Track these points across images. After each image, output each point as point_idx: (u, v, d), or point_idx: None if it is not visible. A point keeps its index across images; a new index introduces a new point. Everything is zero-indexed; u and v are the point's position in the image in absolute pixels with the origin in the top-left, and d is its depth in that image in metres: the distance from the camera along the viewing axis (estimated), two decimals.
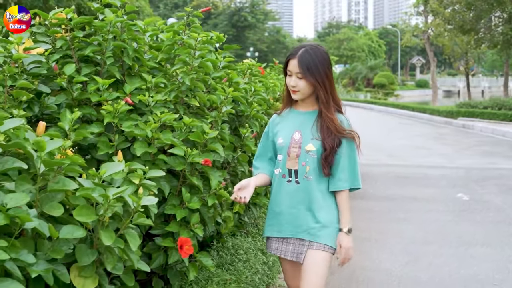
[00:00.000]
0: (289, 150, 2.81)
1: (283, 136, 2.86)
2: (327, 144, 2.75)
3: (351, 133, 2.81)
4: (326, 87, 2.77)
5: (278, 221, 2.86)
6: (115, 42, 3.26)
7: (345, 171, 2.80)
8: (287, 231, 2.83)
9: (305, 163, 2.78)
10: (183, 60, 3.38)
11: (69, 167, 2.37)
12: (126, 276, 2.57)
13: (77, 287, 2.29)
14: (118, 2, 3.43)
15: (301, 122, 2.86)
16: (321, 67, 2.74)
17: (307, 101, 2.87)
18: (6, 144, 2.11)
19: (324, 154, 2.75)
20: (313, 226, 2.77)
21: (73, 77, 3.14)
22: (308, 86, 2.75)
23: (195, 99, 3.39)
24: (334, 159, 2.78)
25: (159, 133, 2.98)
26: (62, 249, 2.22)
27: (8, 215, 1.94)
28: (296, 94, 2.80)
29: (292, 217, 2.81)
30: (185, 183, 3.16)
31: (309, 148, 2.78)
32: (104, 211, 2.31)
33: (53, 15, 3.47)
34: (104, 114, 2.99)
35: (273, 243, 2.91)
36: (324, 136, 2.76)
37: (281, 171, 2.84)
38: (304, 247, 2.79)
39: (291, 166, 2.81)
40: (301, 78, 2.74)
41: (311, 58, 2.73)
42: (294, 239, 2.83)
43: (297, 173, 2.80)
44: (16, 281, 1.93)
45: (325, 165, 2.76)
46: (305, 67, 2.71)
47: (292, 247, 2.83)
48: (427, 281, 4.84)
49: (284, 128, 2.90)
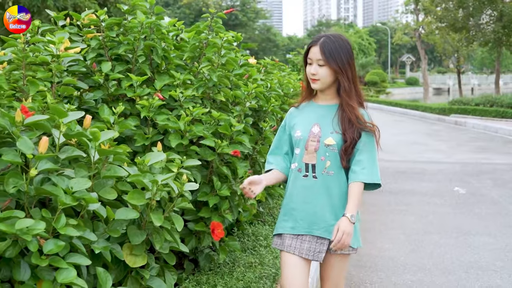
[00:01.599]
0: (307, 143, 2.69)
1: (301, 129, 2.74)
2: (347, 136, 2.63)
3: (371, 126, 2.69)
4: (349, 75, 2.65)
5: (293, 217, 2.72)
6: (146, 42, 3.49)
7: (362, 164, 2.64)
8: (301, 227, 2.69)
9: (325, 157, 2.66)
10: (209, 58, 3.61)
11: (117, 156, 2.60)
12: (168, 256, 2.80)
13: (129, 264, 2.53)
14: (147, 4, 3.65)
15: (320, 115, 2.73)
16: (343, 55, 2.63)
17: (327, 93, 2.75)
18: (70, 134, 2.33)
19: (344, 146, 2.64)
20: (332, 224, 2.63)
21: (109, 74, 3.36)
22: (329, 74, 2.64)
23: (220, 94, 3.62)
24: (353, 151, 2.66)
25: (191, 126, 3.21)
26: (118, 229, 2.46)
27: (75, 197, 2.16)
28: (316, 83, 2.68)
29: (307, 213, 2.68)
30: (213, 172, 3.39)
31: (329, 142, 2.66)
32: (152, 195, 2.55)
33: (85, 16, 3.69)
34: (139, 109, 3.22)
35: (287, 239, 2.72)
36: (345, 128, 2.65)
37: (297, 165, 2.72)
38: (324, 246, 2.66)
39: (309, 160, 2.69)
40: (322, 65, 2.63)
41: (333, 45, 2.62)
42: (309, 236, 2.68)
43: (314, 167, 2.67)
44: (83, 256, 2.16)
45: (343, 156, 2.64)
46: (327, 53, 2.60)
47: (307, 245, 2.68)
48: (431, 267, 5.10)
49: (302, 121, 2.77)
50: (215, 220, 3.18)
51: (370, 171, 2.66)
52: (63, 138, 2.34)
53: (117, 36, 3.60)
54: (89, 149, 2.45)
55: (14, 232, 1.90)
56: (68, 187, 2.18)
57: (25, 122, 2.24)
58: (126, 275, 2.62)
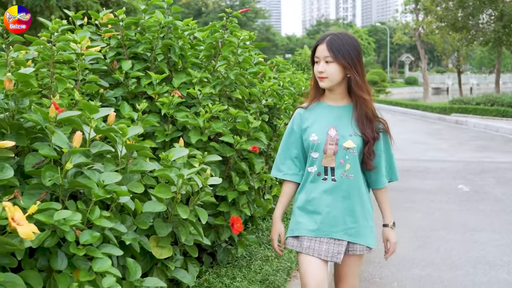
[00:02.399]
0: (325, 147, 2.64)
1: (316, 133, 2.67)
2: (368, 136, 2.63)
3: (383, 121, 2.72)
4: (358, 70, 2.62)
5: (312, 220, 2.68)
6: (164, 41, 3.56)
7: (385, 166, 2.73)
8: (321, 231, 2.67)
9: (344, 160, 2.63)
10: (225, 57, 3.69)
11: (142, 152, 2.68)
12: (191, 248, 2.88)
13: (156, 255, 2.61)
14: (165, 4, 3.73)
15: (336, 117, 2.69)
16: (351, 51, 2.60)
17: (337, 92, 2.71)
18: (101, 129, 2.41)
19: (368, 147, 2.64)
20: (351, 226, 2.66)
21: (128, 73, 3.44)
22: (338, 71, 2.59)
23: (236, 92, 3.70)
24: (375, 152, 2.67)
25: (211, 123, 3.29)
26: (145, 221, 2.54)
27: (107, 190, 2.24)
28: (324, 81, 2.63)
29: (327, 217, 2.66)
30: (231, 168, 3.47)
31: (349, 145, 2.62)
32: (178, 189, 2.63)
33: (104, 15, 3.77)
34: (159, 106, 3.30)
35: (305, 241, 2.69)
36: (363, 128, 2.64)
37: (317, 169, 2.67)
38: (342, 247, 2.65)
39: (327, 164, 2.65)
40: (330, 62, 2.59)
41: (340, 41, 2.59)
42: (328, 238, 2.66)
43: (333, 170, 2.65)
44: (115, 246, 2.25)
45: (369, 157, 2.65)
46: (335, 49, 2.57)
47: (326, 246, 2.66)
48: (439, 262, 5.18)
49: (316, 124, 2.71)
50: (233, 214, 3.26)
51: (391, 170, 2.80)
52: (93, 133, 2.42)
53: (135, 35, 3.68)
54: (116, 144, 2.53)
55: (52, 223, 1.98)
56: (100, 181, 2.26)
57: (58, 117, 2.32)
58: (152, 267, 2.70)
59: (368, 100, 2.67)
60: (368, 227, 2.73)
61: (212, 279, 3.22)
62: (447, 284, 4.62)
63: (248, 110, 3.67)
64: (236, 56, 3.68)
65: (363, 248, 2.72)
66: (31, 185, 2.17)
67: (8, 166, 2.05)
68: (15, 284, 1.85)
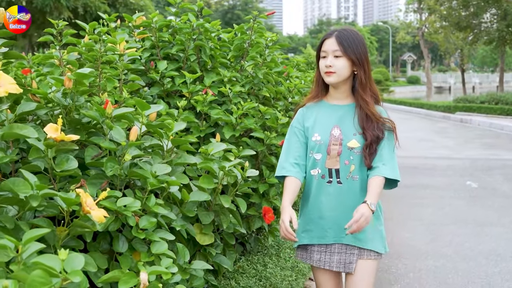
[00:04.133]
0: (328, 148, 2.55)
1: (319, 132, 2.59)
2: (368, 134, 2.51)
3: (390, 122, 2.59)
4: (365, 68, 2.55)
5: (320, 227, 2.59)
6: (196, 42, 3.77)
7: (383, 160, 2.52)
8: (330, 237, 2.57)
9: (349, 161, 2.53)
10: (253, 57, 3.89)
11: (184, 146, 2.89)
12: (229, 236, 3.09)
13: (199, 242, 2.81)
14: (196, 7, 3.93)
15: (340, 117, 2.60)
16: (360, 47, 2.53)
17: (341, 90, 2.61)
18: (152, 124, 2.62)
19: (366, 144, 2.52)
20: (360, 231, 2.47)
21: (163, 72, 3.65)
22: (346, 66, 2.51)
23: (264, 90, 3.91)
24: (376, 151, 2.53)
25: (243, 119, 3.49)
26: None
27: (159, 180, 2.45)
28: (332, 76, 2.52)
29: (334, 222, 2.55)
30: (261, 162, 3.68)
31: (353, 145, 2.53)
32: (220, 180, 2.83)
33: (137, 18, 3.97)
34: (194, 104, 3.51)
35: (315, 254, 2.62)
36: (364, 126, 2.53)
37: (321, 172, 2.57)
38: (354, 256, 2.56)
39: (332, 165, 2.55)
40: (339, 56, 2.50)
41: (350, 36, 2.52)
42: (338, 245, 2.58)
43: (338, 172, 2.54)
44: (167, 231, 2.45)
45: (366, 156, 2.51)
46: (345, 43, 2.49)
47: (337, 257, 2.58)
48: (451, 254, 5.38)
49: (319, 123, 2.62)
50: (265, 205, 3.46)
51: (391, 167, 2.53)
52: (144, 128, 2.63)
53: (168, 37, 3.89)
54: (162, 138, 2.74)
55: (115, 208, 2.18)
56: (152, 172, 2.46)
57: (114, 114, 2.52)
58: (195, 252, 2.90)
59: (369, 102, 2.55)
60: (377, 232, 2.61)
61: (246, 266, 3.43)
62: (461, 274, 4.82)
63: (275, 107, 3.87)
64: (264, 56, 3.88)
65: (371, 253, 2.58)
66: (93, 175, 2.38)
67: (72, 158, 2.26)
68: (87, 264, 2.06)
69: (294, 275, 3.57)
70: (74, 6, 20.05)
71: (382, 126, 2.56)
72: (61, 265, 1.50)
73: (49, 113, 2.55)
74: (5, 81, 1.92)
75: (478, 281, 4.66)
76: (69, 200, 1.92)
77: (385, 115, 2.63)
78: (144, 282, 1.95)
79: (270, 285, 3.22)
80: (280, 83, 4.12)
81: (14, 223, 1.96)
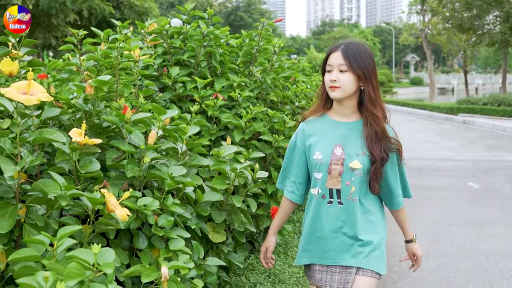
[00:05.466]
0: (330, 167, 2.46)
1: (321, 151, 2.50)
2: (376, 156, 2.43)
3: (397, 143, 2.52)
4: (373, 83, 2.45)
5: (320, 247, 2.55)
6: (206, 48, 3.92)
7: (397, 189, 2.57)
8: (330, 258, 2.52)
9: (350, 182, 2.45)
10: (262, 63, 4.05)
11: (197, 148, 3.04)
12: (240, 234, 3.24)
13: (212, 240, 2.96)
14: (206, 14, 4.09)
15: (342, 135, 2.50)
16: (368, 61, 2.44)
17: (346, 106, 2.52)
18: (168, 129, 2.77)
19: (374, 168, 2.44)
20: (360, 251, 2.49)
21: (175, 77, 3.80)
22: (352, 81, 2.41)
23: (272, 95, 4.06)
24: (382, 175, 2.47)
25: (252, 123, 3.65)
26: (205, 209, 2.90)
27: (176, 181, 2.60)
28: (336, 91, 2.43)
29: (335, 243, 2.51)
30: (269, 164, 3.83)
31: (355, 166, 2.44)
32: (231, 181, 2.99)
33: (149, 25, 4.12)
34: (205, 108, 3.66)
35: (316, 273, 2.58)
36: (371, 146, 2.45)
37: (321, 192, 2.50)
38: (351, 276, 2.50)
39: (332, 186, 2.47)
40: (344, 71, 2.41)
41: (356, 50, 2.43)
42: (339, 267, 2.52)
43: (339, 193, 2.47)
44: (183, 230, 2.60)
45: (375, 179, 2.46)
46: (351, 57, 2.40)
47: (338, 277, 2.52)
48: (453, 254, 5.53)
49: (320, 141, 2.53)
50: (273, 205, 3.61)
51: (405, 189, 2.66)
52: (161, 132, 2.78)
53: (179, 44, 4.04)
54: (177, 142, 2.89)
55: (136, 208, 2.34)
56: (169, 173, 2.62)
57: (132, 119, 2.67)
58: (207, 250, 3.05)
59: (379, 118, 2.46)
60: (377, 251, 2.52)
61: (255, 263, 3.58)
62: (462, 272, 4.97)
63: (282, 111, 4.03)
64: (272, 61, 4.03)
65: (368, 271, 2.50)
66: (114, 176, 2.53)
67: (95, 160, 2.41)
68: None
69: (301, 272, 3.72)
70: (79, 9, 20.21)
71: (388, 148, 2.47)
72: (94, 258, 1.65)
73: (71, 118, 2.70)
74: (37, 90, 2.07)
75: (479, 279, 4.80)
76: (95, 200, 2.07)
77: (392, 134, 2.54)
78: (165, 275, 2.10)
79: (279, 281, 3.38)
80: (287, 87, 4.27)
81: (44, 221, 2.12)
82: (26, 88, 2.06)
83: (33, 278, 1.56)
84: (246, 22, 74.83)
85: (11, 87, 2.04)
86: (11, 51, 2.83)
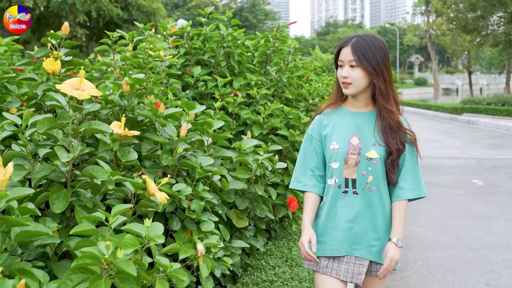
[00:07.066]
0: (346, 157, 2.44)
1: (337, 140, 2.48)
2: (392, 147, 2.42)
3: (411, 133, 2.49)
4: (385, 77, 2.42)
5: (332, 238, 2.48)
6: (226, 49, 4.19)
7: (408, 179, 2.47)
8: (341, 249, 2.46)
9: (367, 172, 2.43)
10: (277, 62, 4.31)
11: (221, 141, 3.30)
12: (260, 221, 3.50)
13: (236, 225, 3.23)
14: (225, 17, 4.35)
15: (358, 125, 2.49)
16: (378, 55, 2.40)
17: (360, 99, 2.51)
18: (197, 122, 3.03)
19: (391, 159, 2.43)
20: (374, 244, 2.44)
21: (198, 76, 4.07)
22: (362, 76, 2.40)
23: (287, 93, 4.32)
24: (399, 165, 2.46)
25: (270, 118, 3.91)
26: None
27: (205, 170, 2.86)
28: (349, 87, 2.44)
29: (348, 234, 2.45)
30: (285, 157, 4.09)
31: (372, 155, 2.42)
32: (254, 171, 3.25)
33: (171, 27, 4.38)
34: (225, 105, 3.92)
35: (322, 259, 2.49)
36: (387, 138, 2.44)
37: (338, 181, 2.47)
38: (363, 267, 2.45)
39: (348, 175, 2.45)
40: (355, 66, 2.40)
41: (366, 44, 2.40)
42: (348, 257, 2.47)
43: (355, 183, 2.44)
44: (212, 214, 2.86)
45: (392, 171, 2.44)
46: (360, 53, 2.38)
47: (345, 266, 2.46)
48: (458, 246, 5.78)
49: (337, 131, 2.50)
50: (289, 195, 3.86)
51: (416, 186, 2.48)
52: (190, 125, 3.04)
53: (199, 45, 4.31)
54: (203, 135, 3.15)
55: (172, 193, 2.60)
56: (199, 162, 2.87)
57: (165, 113, 2.93)
58: (231, 235, 3.31)
59: (393, 112, 2.45)
60: None
61: (273, 249, 3.84)
62: (466, 262, 5.22)
63: (297, 108, 4.29)
64: (287, 61, 4.29)
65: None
66: (150, 165, 2.80)
67: (133, 150, 2.67)
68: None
69: None
70: (88, 10, 20.49)
71: (403, 138, 2.46)
72: (146, 231, 1.92)
73: (108, 113, 2.96)
74: (88, 86, 2.33)
75: (482, 268, 5.05)
76: (137, 185, 2.33)
77: (406, 125, 2.51)
78: (201, 251, 2.36)
79: (296, 265, 3.63)
80: (301, 86, 4.53)
81: (93, 203, 2.38)
82: (77, 85, 2.31)
83: (94, 248, 1.81)
84: (250, 23, 74.99)
85: (64, 83, 2.30)
86: (52, 52, 3.07)
